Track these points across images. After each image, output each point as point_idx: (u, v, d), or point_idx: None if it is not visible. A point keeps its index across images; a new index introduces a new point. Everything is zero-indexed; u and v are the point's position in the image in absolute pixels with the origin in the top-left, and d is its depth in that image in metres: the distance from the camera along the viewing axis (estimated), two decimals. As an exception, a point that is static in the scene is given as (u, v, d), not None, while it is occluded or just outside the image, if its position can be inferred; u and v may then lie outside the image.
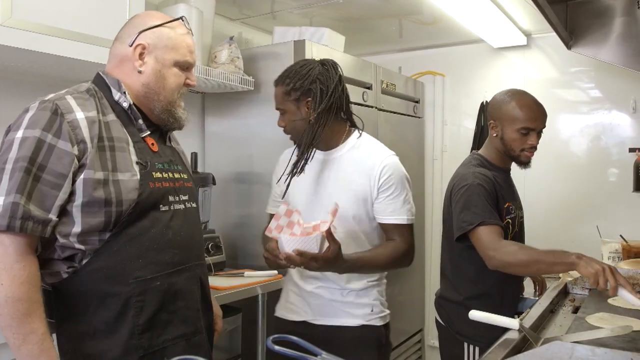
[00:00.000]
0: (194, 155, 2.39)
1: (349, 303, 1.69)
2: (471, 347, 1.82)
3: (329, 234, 1.44)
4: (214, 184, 2.46)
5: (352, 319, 1.69)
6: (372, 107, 2.91)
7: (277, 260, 1.51)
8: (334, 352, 0.99)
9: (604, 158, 3.13)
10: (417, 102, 3.51)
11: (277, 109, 1.71)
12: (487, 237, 1.67)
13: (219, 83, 2.38)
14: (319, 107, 1.62)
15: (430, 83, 3.64)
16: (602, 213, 3.04)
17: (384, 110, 3.04)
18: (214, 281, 2.19)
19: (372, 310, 1.71)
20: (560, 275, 2.02)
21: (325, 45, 2.57)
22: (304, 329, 1.71)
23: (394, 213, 1.67)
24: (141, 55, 1.29)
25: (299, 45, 2.41)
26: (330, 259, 1.46)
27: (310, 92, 1.64)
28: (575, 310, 1.55)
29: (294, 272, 1.77)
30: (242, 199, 2.64)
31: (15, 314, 1.07)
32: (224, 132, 2.74)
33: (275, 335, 0.98)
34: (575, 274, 1.72)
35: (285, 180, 1.68)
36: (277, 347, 0.94)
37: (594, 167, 3.15)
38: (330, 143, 1.72)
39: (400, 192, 1.70)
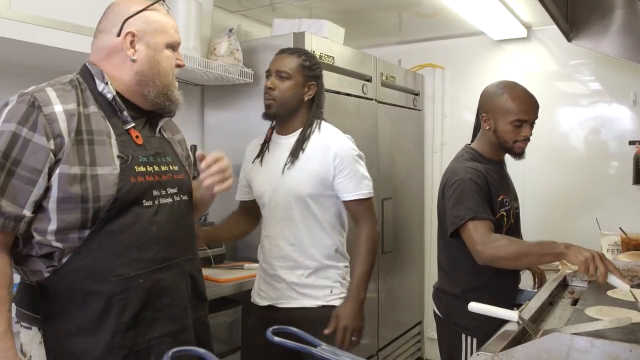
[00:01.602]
0: (194, 148, 2.39)
1: (308, 285, 1.78)
2: (469, 338, 1.83)
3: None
4: (214, 176, 2.45)
5: (312, 300, 1.78)
6: (371, 99, 2.91)
7: None
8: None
9: (603, 151, 3.13)
10: (416, 94, 3.50)
11: (279, 71, 1.77)
12: (476, 232, 1.67)
13: (218, 75, 2.37)
14: (318, 97, 1.84)
15: (430, 76, 3.63)
16: (601, 206, 3.05)
17: (383, 103, 3.03)
18: (213, 273, 2.20)
19: (331, 292, 1.79)
20: (560, 267, 2.02)
21: (324, 37, 2.56)
22: (270, 312, 1.81)
23: (352, 190, 1.78)
24: (132, 43, 1.26)
25: (299, 37, 2.40)
26: (358, 318, 1.73)
27: (318, 80, 1.84)
28: (574, 302, 1.55)
29: (261, 258, 1.88)
30: (242, 191, 2.63)
31: None
32: (223, 124, 2.73)
33: (275, 327, 0.98)
34: (574, 266, 1.72)
35: (258, 158, 1.87)
36: (276, 339, 0.95)
37: (594, 160, 3.15)
38: (292, 128, 1.84)
39: (353, 170, 1.79)
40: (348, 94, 2.67)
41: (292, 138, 1.82)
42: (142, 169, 1.25)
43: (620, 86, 3.06)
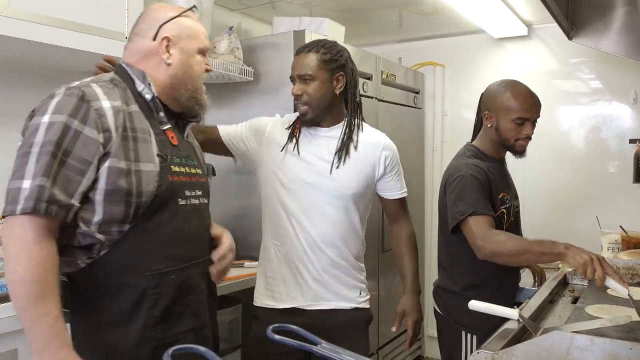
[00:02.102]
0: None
1: (340, 287, 1.72)
2: (469, 335, 1.83)
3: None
4: (214, 175, 2.45)
5: (345, 302, 1.72)
6: (372, 97, 2.90)
7: None
8: (328, 336, 1.00)
9: (604, 149, 3.13)
10: (417, 93, 3.50)
11: (302, 75, 1.68)
12: (477, 227, 1.68)
13: (218, 74, 2.36)
14: (351, 85, 1.74)
15: (430, 74, 3.63)
16: (602, 204, 3.04)
17: (384, 101, 3.03)
18: (214, 272, 2.20)
19: (360, 294, 1.76)
20: (560, 265, 2.02)
21: (325, 35, 2.56)
22: (293, 316, 1.68)
23: (400, 189, 1.84)
24: (167, 47, 1.31)
25: (299, 35, 2.39)
26: (421, 311, 1.83)
27: (345, 67, 1.72)
28: (575, 300, 1.55)
29: (277, 256, 1.74)
30: (242, 190, 2.63)
31: (28, 295, 1.06)
32: (223, 122, 2.71)
33: (275, 325, 0.98)
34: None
35: (291, 145, 1.73)
36: (277, 337, 0.95)
37: (594, 158, 3.15)
38: (330, 122, 1.75)
39: (400, 169, 1.83)
40: (348, 92, 2.66)
41: (332, 131, 1.74)
42: (177, 169, 1.30)
43: (621, 84, 3.06)
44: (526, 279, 2.03)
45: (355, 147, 1.73)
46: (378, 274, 3.00)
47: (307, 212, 1.69)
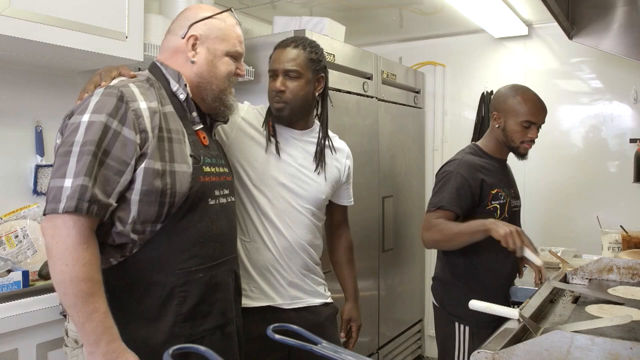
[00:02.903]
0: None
1: (311, 284, 1.71)
2: (461, 326, 1.91)
3: None
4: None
5: (316, 299, 1.72)
6: (372, 97, 2.90)
7: None
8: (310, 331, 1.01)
9: (604, 149, 3.13)
10: (417, 92, 3.50)
11: (288, 70, 1.61)
12: (430, 219, 1.84)
13: (218, 73, 2.36)
14: (323, 88, 1.70)
15: (430, 73, 3.63)
16: (602, 204, 3.04)
17: (384, 101, 3.03)
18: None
19: (325, 290, 1.78)
20: (561, 265, 2.03)
21: (325, 35, 2.56)
22: (271, 313, 1.64)
23: (349, 197, 1.88)
24: (194, 46, 1.32)
25: (299, 34, 2.39)
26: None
27: (325, 70, 1.70)
28: (575, 300, 1.55)
29: (255, 256, 1.66)
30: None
31: (79, 293, 1.09)
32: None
33: (276, 325, 0.98)
34: (575, 264, 1.75)
35: (271, 146, 1.65)
36: (277, 336, 0.95)
37: (595, 157, 3.15)
38: (305, 125, 1.72)
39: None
40: (349, 92, 2.67)
41: (307, 136, 1.71)
42: (208, 169, 1.32)
43: (621, 84, 3.06)
44: (527, 278, 2.03)
45: (332, 153, 1.74)
46: (378, 274, 3.00)
47: (281, 215, 1.64)
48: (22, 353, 1.49)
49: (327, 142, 1.73)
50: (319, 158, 1.69)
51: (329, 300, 1.78)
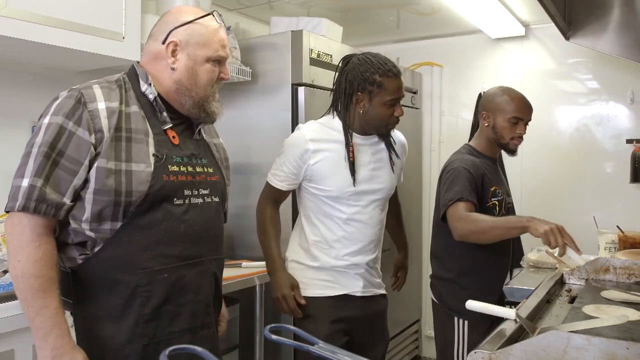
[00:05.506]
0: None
1: (376, 276, 1.93)
2: (461, 320, 1.96)
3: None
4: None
5: (379, 289, 1.94)
6: (369, 98, 2.90)
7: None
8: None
9: (601, 149, 3.14)
10: (415, 92, 3.50)
11: (400, 98, 1.79)
12: (458, 211, 1.84)
13: (216, 73, 2.36)
14: None
15: (428, 74, 3.64)
16: (598, 204, 3.05)
17: (381, 101, 3.03)
18: (211, 272, 2.19)
19: (381, 282, 1.97)
20: (557, 265, 2.03)
21: (323, 35, 2.56)
22: (348, 301, 1.84)
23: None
24: (173, 52, 1.31)
25: (297, 35, 2.39)
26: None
27: None
28: (572, 300, 1.55)
29: (315, 251, 1.85)
30: (240, 190, 2.63)
31: (29, 288, 1.14)
32: (221, 123, 2.67)
33: (272, 325, 0.98)
34: (572, 263, 1.75)
35: (349, 158, 1.80)
36: (274, 337, 0.95)
37: (591, 158, 3.15)
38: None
39: None
40: (346, 92, 2.66)
41: (373, 138, 1.88)
42: (175, 168, 1.30)
43: (618, 84, 3.07)
44: (524, 279, 2.04)
45: (397, 154, 1.94)
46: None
47: (368, 214, 1.85)
48: (18, 354, 1.49)
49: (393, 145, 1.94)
50: (391, 161, 1.91)
51: (383, 291, 1.97)
